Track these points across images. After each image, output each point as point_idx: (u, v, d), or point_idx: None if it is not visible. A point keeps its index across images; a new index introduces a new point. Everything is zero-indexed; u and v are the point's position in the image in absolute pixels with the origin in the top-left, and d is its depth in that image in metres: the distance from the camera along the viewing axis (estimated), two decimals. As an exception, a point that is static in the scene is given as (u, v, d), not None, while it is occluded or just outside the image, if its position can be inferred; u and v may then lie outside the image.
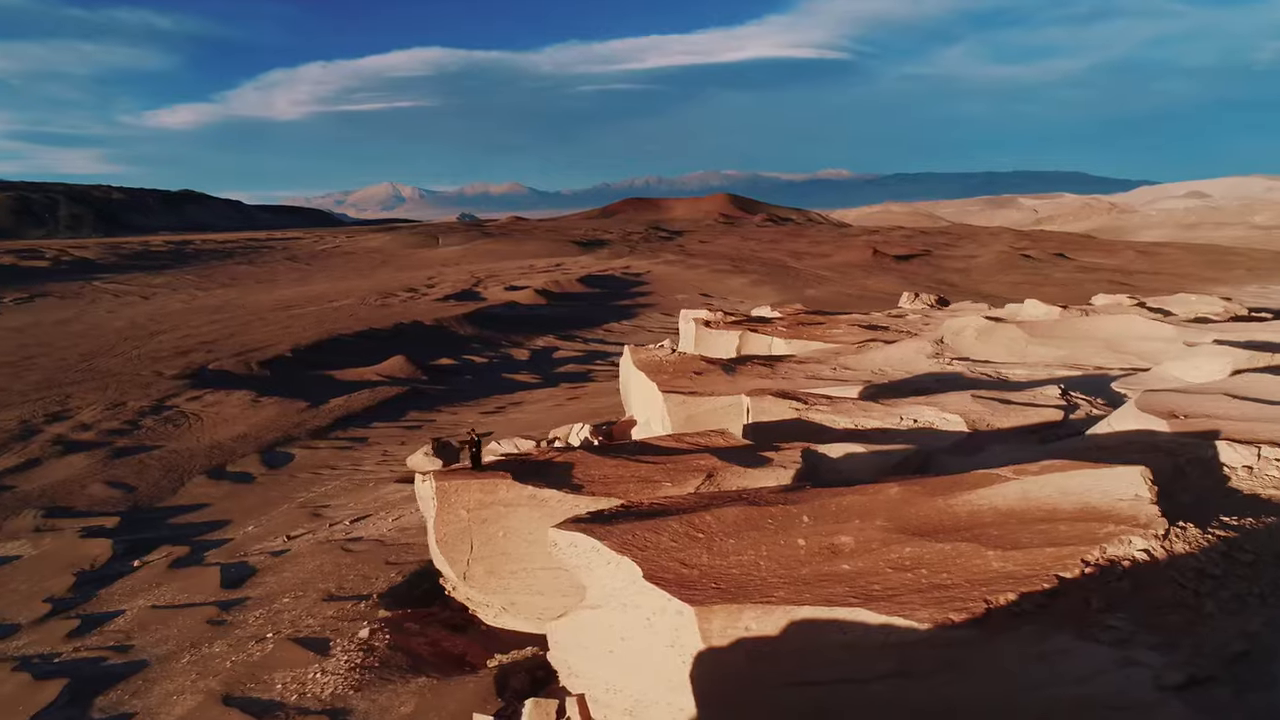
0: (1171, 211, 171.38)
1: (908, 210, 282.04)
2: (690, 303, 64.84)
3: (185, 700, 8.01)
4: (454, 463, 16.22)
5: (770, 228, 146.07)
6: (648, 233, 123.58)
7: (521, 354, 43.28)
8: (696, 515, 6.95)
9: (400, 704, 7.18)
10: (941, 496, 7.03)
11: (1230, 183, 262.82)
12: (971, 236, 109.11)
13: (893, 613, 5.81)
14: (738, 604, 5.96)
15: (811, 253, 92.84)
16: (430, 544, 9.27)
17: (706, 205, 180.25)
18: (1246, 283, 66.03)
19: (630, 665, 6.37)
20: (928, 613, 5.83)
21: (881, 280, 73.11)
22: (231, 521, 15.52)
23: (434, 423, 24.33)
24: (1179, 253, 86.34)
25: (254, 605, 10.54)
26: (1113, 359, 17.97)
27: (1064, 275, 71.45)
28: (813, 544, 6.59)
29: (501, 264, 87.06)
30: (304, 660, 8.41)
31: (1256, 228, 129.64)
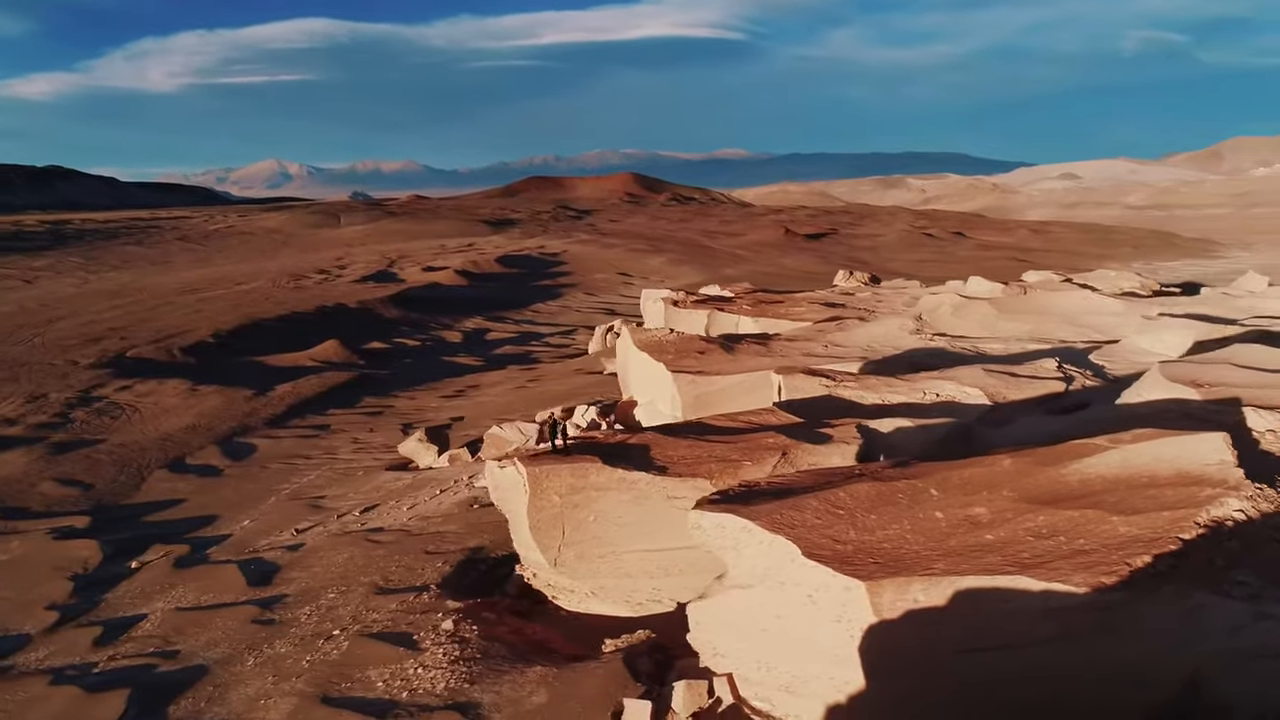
0: (1052, 191, 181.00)
1: (804, 190, 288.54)
2: (609, 283, 64.90)
3: (278, 704, 7.64)
4: (446, 448, 15.91)
5: (676, 207, 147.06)
6: (556, 212, 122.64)
7: (453, 336, 42.44)
8: (831, 493, 7.06)
9: (529, 694, 7.05)
10: (1053, 466, 7.36)
11: (1099, 165, 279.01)
12: (872, 216, 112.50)
13: (1050, 579, 6.07)
14: (904, 577, 6.12)
15: (724, 232, 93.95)
16: (516, 531, 9.10)
17: (611, 184, 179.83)
18: (1132, 259, 70.39)
19: (787, 642, 6.45)
20: (1081, 577, 6.11)
21: (796, 259, 74.67)
22: (219, 516, 14.76)
23: (393, 408, 23.66)
24: (1067, 231, 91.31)
25: (297, 602, 10.11)
26: (1073, 332, 18.97)
27: (966, 253, 74.56)
28: (950, 516, 6.80)
29: (410, 244, 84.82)
30: (393, 656, 8.14)
31: (1130, 208, 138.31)
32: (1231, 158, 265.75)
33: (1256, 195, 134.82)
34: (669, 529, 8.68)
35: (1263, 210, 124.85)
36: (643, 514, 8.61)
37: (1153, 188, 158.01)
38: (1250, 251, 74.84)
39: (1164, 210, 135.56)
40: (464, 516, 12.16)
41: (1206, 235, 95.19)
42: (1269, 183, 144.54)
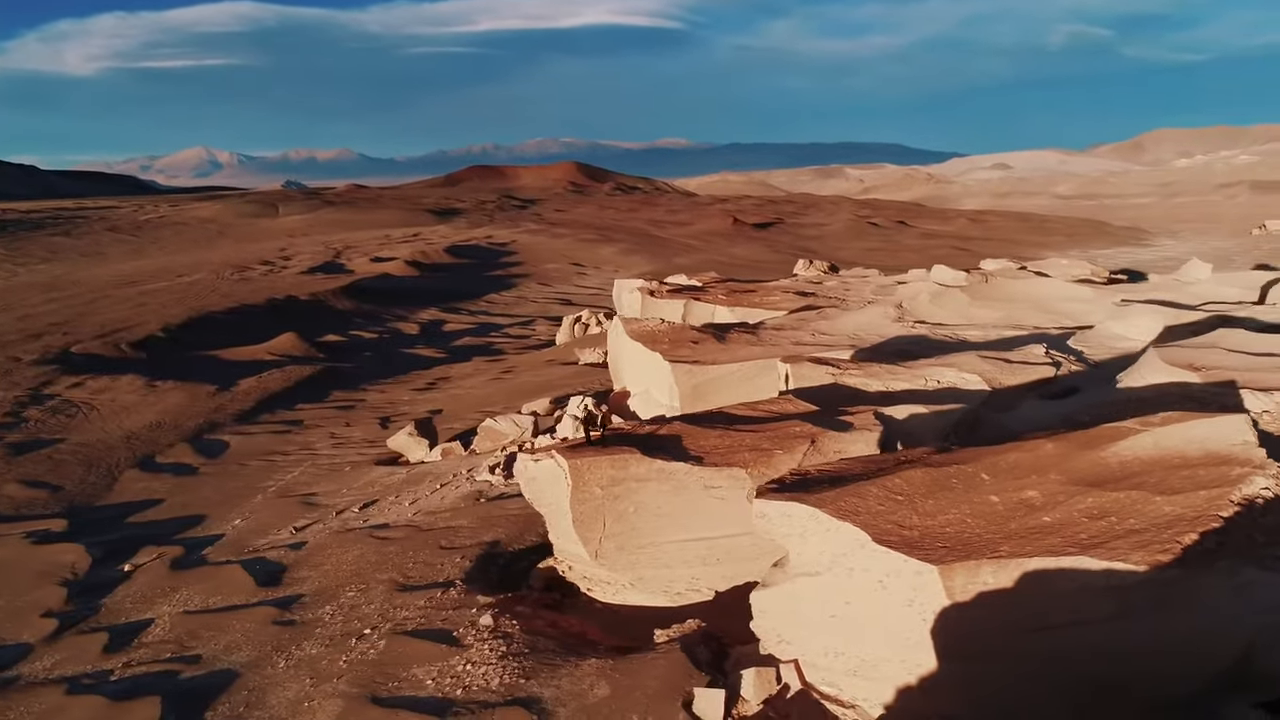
0: (986, 182, 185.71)
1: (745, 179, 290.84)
2: (563, 273, 64.68)
3: (323, 705, 7.47)
4: (436, 442, 15.70)
5: (621, 196, 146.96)
6: (501, 201, 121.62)
7: (410, 328, 41.86)
8: (887, 479, 7.17)
9: (590, 688, 7.02)
10: (1092, 450, 7.59)
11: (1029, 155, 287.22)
12: (816, 205, 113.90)
13: (1110, 558, 6.28)
14: (974, 560, 6.26)
15: (671, 221, 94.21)
16: (555, 524, 9.03)
17: (554, 173, 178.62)
18: (1068, 248, 72.63)
19: (856, 628, 6.55)
20: (1139, 556, 6.33)
21: (746, 248, 75.31)
22: (206, 516, 14.31)
23: (364, 402, 23.22)
24: (1004, 220, 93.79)
25: (315, 602, 9.89)
26: (1045, 319, 19.53)
27: (912, 242, 76.07)
28: (1005, 500, 6.97)
29: (354, 234, 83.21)
30: (436, 653, 8.02)
31: (1059, 197, 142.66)
32: (1153, 149, 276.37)
33: (1179, 185, 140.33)
34: (707, 518, 8.73)
35: (1185, 200, 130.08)
36: (681, 504, 8.63)
37: (1082, 178, 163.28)
38: (1177, 239, 77.93)
39: (1093, 200, 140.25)
40: (472, 511, 12.03)
41: (1135, 224, 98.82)
42: (1190, 173, 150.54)
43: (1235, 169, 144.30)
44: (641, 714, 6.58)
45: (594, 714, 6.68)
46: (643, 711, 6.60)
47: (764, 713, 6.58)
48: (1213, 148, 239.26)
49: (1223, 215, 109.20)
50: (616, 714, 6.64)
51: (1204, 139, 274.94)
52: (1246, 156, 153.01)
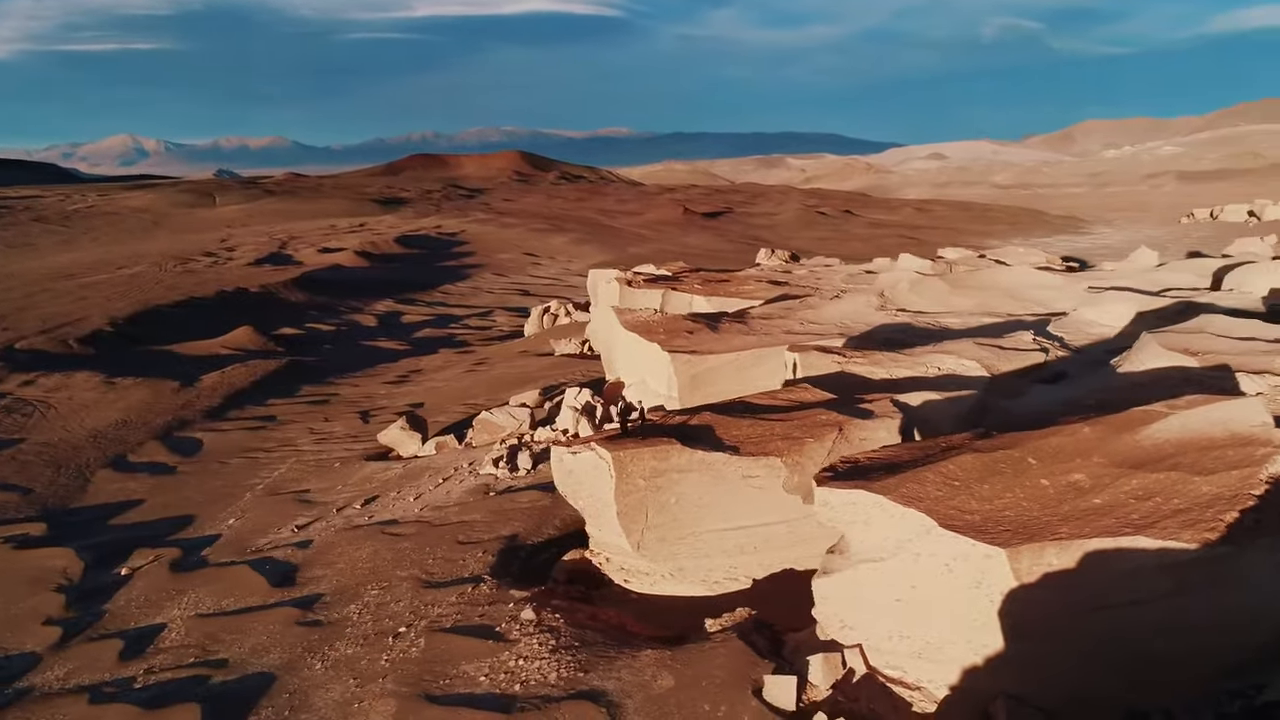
0: (924, 171, 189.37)
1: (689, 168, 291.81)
2: (517, 263, 64.13)
3: (375, 706, 7.34)
4: (426, 435, 15.50)
5: (567, 185, 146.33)
6: (447, 190, 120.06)
7: (368, 320, 41.15)
8: (940, 465, 7.31)
9: (653, 679, 7.02)
10: (1127, 433, 7.84)
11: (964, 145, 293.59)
12: (763, 195, 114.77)
13: (1164, 537, 6.51)
14: (1038, 542, 6.43)
15: (621, 211, 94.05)
16: (596, 516, 8.99)
17: (498, 162, 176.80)
18: (1011, 235, 74.59)
19: (921, 611, 6.68)
20: (1189, 534, 6.58)
21: (698, 237, 75.59)
22: (195, 516, 13.90)
23: (338, 396, 22.76)
24: (947, 209, 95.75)
25: (337, 601, 9.70)
26: (1018, 306, 20.05)
27: (861, 231, 77.21)
28: (1055, 483, 7.17)
29: (298, 224, 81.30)
30: (483, 650, 7.94)
31: (997, 187, 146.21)
32: (1082, 140, 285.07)
33: (1109, 175, 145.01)
34: (745, 507, 8.80)
35: (1115, 189, 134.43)
36: (720, 494, 8.68)
37: (1018, 167, 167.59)
38: (1113, 228, 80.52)
39: (1028, 189, 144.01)
40: (483, 505, 11.91)
41: (1071, 213, 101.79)
42: (1119, 163, 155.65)
43: (1161, 160, 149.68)
44: (713, 703, 6.62)
45: (663, 705, 6.70)
46: (714, 701, 6.64)
47: (833, 697, 6.68)
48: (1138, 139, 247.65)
49: (1151, 204, 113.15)
50: (686, 704, 6.67)
51: (1129, 130, 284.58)
52: (1171, 148, 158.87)
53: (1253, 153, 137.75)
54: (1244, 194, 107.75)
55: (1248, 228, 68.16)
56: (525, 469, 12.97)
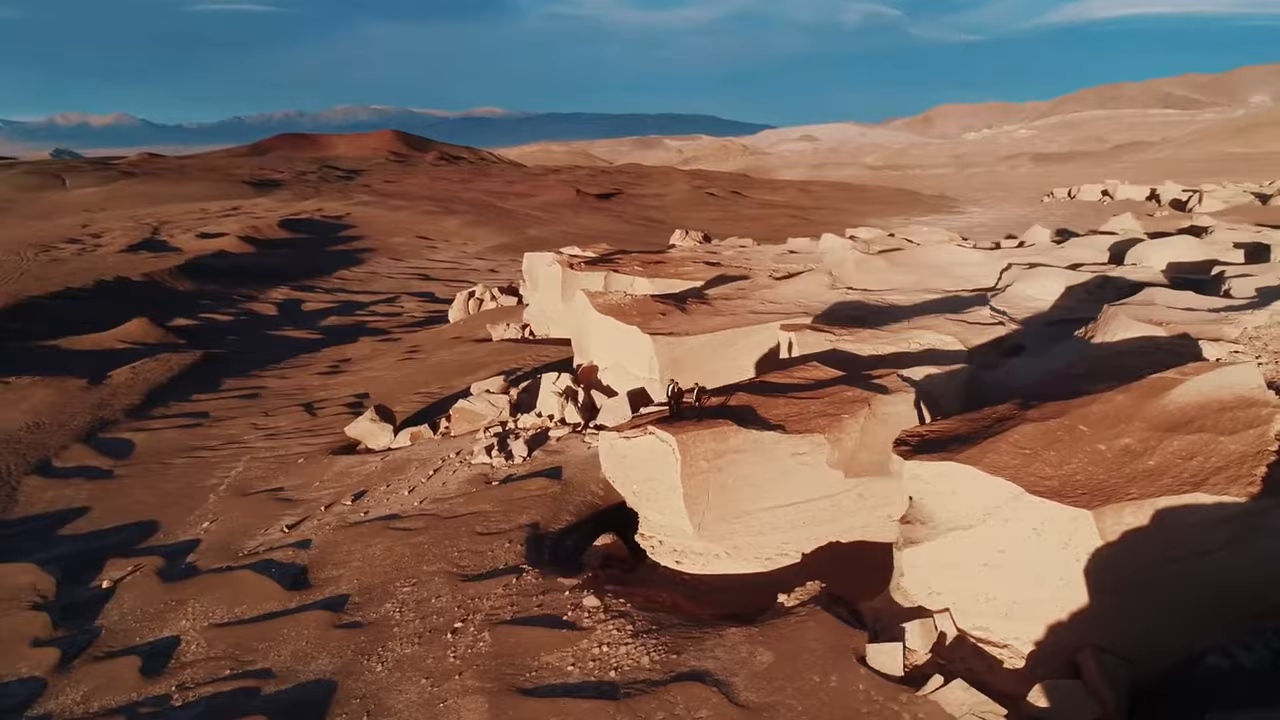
0: (800, 153, 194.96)
1: (566, 149, 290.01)
2: (412, 247, 62.40)
3: (463, 703, 7.15)
4: (396, 426, 15.07)
5: (448, 166, 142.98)
6: (323, 171, 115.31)
7: (266, 309, 39.28)
8: (1006, 436, 7.70)
9: (751, 655, 7.13)
10: (1153, 399, 8.45)
11: (832, 128, 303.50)
12: (648, 176, 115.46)
13: (1218, 493, 7.11)
14: (1116, 503, 6.91)
15: (511, 193, 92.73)
16: (655, 499, 8.97)
17: (372, 142, 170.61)
18: (891, 215, 77.87)
19: (1009, 574, 7.05)
20: (1236, 489, 7.21)
21: (593, 218, 75.50)
22: (159, 522, 13.00)
23: (268, 389, 21.65)
24: (828, 190, 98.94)
25: (368, 601, 9.35)
26: (950, 282, 21.08)
27: (751, 211, 78.85)
28: (1111, 448, 7.68)
29: (164, 208, 76.34)
30: (559, 639, 7.85)
31: (869, 168, 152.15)
32: (940, 122, 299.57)
33: (970, 156, 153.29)
34: (794, 484, 9.02)
35: (977, 170, 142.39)
36: (772, 472, 8.86)
37: (886, 149, 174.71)
38: (982, 207, 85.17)
39: (898, 170, 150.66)
40: (488, 495, 11.69)
41: (940, 192, 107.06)
42: (979, 145, 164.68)
43: (1016, 142, 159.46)
44: (821, 674, 6.80)
45: (771, 679, 6.83)
46: (821, 671, 6.82)
47: (933, 660, 6.98)
48: (992, 122, 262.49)
49: (1010, 184, 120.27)
50: (795, 676, 6.82)
51: (983, 114, 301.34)
52: (1025, 131, 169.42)
53: (1096, 136, 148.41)
54: (1091, 175, 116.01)
55: (1102, 206, 73.46)
56: (521, 456, 12.79)
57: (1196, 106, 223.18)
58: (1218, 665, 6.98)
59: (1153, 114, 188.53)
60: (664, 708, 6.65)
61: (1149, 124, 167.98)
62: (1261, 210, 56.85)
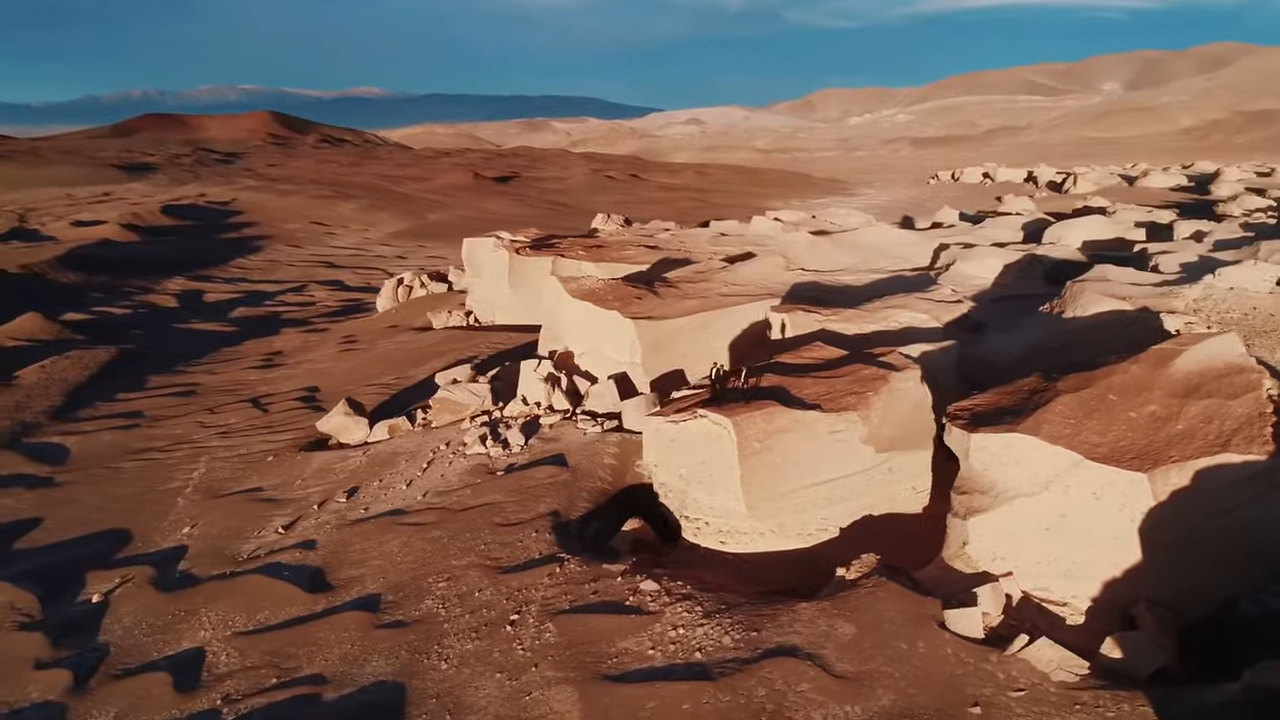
0: (691, 136, 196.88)
1: (451, 131, 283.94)
2: (309, 233, 60.07)
3: (548, 695, 7.06)
4: (368, 419, 14.66)
5: (332, 149, 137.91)
6: (198, 155, 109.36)
7: (165, 301, 37.18)
8: (1051, 407, 8.15)
9: (831, 629, 7.31)
10: (1162, 368, 9.08)
11: (718, 111, 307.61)
12: (543, 159, 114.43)
13: (1242, 453, 7.76)
14: (1163, 466, 7.44)
15: (405, 176, 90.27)
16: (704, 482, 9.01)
17: (248, 124, 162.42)
18: (789, 197, 79.76)
19: (1070, 536, 7.50)
20: (1256, 449, 7.88)
21: (495, 202, 74.42)
22: (128, 530, 12.17)
23: (202, 385, 20.49)
24: (725, 174, 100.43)
25: (404, 600, 9.07)
26: (891, 262, 21.90)
27: (652, 194, 79.28)
28: (1141, 415, 8.23)
29: (25, 194, 70.80)
30: (628, 625, 7.83)
31: (759, 151, 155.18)
32: (822, 107, 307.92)
33: (855, 141, 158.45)
34: (831, 461, 9.27)
35: (862, 153, 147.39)
36: (813, 450, 9.08)
37: (775, 133, 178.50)
38: (874, 189, 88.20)
39: (786, 153, 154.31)
40: (494, 486, 11.50)
41: (831, 175, 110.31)
42: (862, 129, 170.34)
43: (896, 126, 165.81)
44: (908, 641, 7.06)
45: (860, 649, 7.05)
46: (908, 639, 7.08)
47: (1005, 621, 7.36)
48: (870, 107, 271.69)
49: (895, 167, 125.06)
50: (882, 645, 7.06)
51: (861, 99, 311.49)
52: (904, 116, 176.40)
53: (969, 121, 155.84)
54: (967, 158, 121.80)
55: (985, 187, 77.26)
56: (518, 445, 12.62)
57: (1055, 93, 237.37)
58: (1249, 611, 7.63)
59: (1020, 100, 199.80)
60: (763, 683, 6.78)
61: (1016, 110, 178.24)
62: (1130, 191, 61.00)
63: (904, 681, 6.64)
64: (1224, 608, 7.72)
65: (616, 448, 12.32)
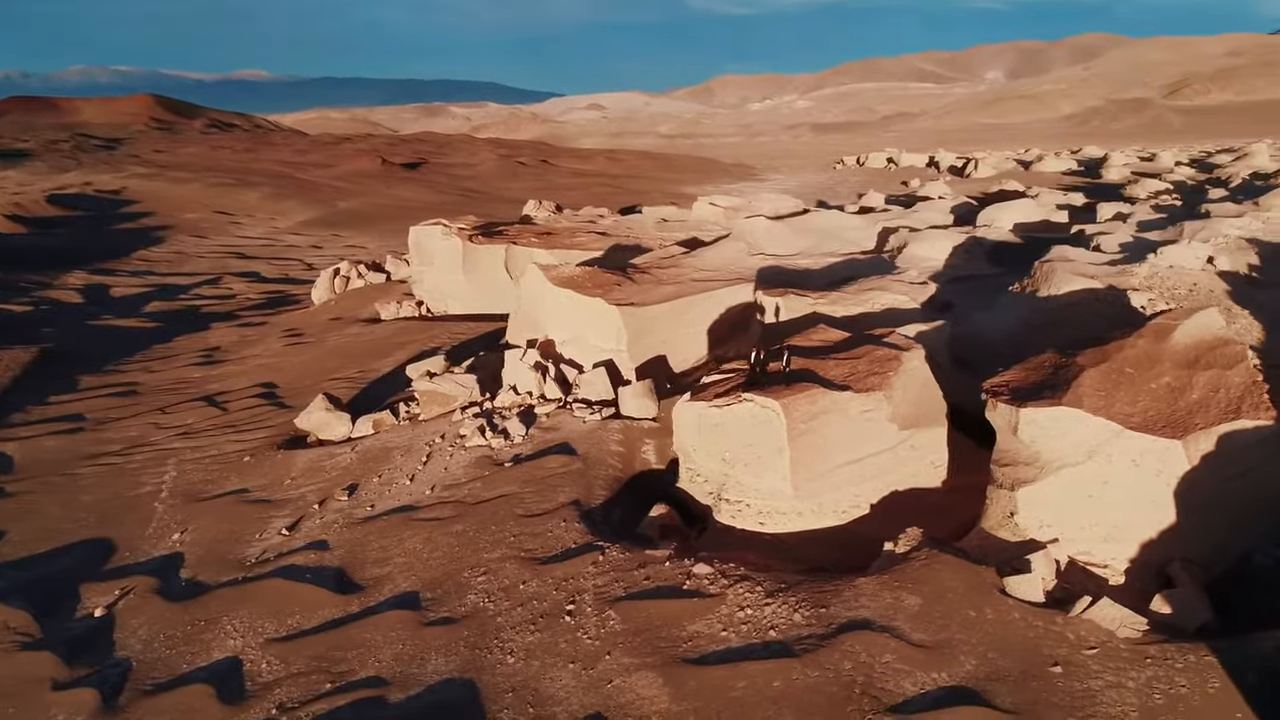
0: (595, 122, 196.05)
1: (346, 116, 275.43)
2: (213, 223, 57.50)
3: (632, 683, 7.04)
4: (345, 413, 14.30)
5: (223, 134, 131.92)
6: (77, 141, 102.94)
7: (68, 296, 34.99)
8: (1081, 381, 8.59)
9: (899, 601, 7.53)
10: (1163, 342, 9.67)
11: (619, 96, 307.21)
12: (450, 145, 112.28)
13: (1254, 419, 8.37)
14: (1193, 433, 7.97)
15: (306, 163, 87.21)
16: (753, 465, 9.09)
17: (127, 108, 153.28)
18: (702, 182, 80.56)
19: (1110, 502, 7.95)
20: (1263, 414, 8.53)
21: (406, 189, 72.70)
22: (111, 539, 11.44)
23: (143, 385, 19.40)
24: (635, 159, 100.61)
25: (445, 597, 8.87)
26: (841, 245, 22.50)
27: (566, 180, 78.85)
28: (1159, 386, 8.76)
29: (-120, 183, 65.60)
30: (693, 609, 7.88)
31: (664, 137, 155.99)
32: (721, 92, 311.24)
33: (757, 126, 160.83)
34: (862, 440, 9.54)
35: (764, 139, 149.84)
36: (847, 430, 9.32)
37: (678, 118, 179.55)
38: (782, 174, 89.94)
39: (691, 139, 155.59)
40: (507, 477, 11.36)
41: (738, 160, 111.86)
42: (764, 115, 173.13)
43: (797, 112, 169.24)
44: (976, 608, 7.36)
45: (930, 619, 7.31)
46: (975, 606, 7.38)
47: (1059, 585, 7.75)
48: (768, 93, 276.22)
49: (798, 153, 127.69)
50: (952, 614, 7.34)
51: (760, 85, 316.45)
52: (804, 102, 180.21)
53: (867, 107, 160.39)
54: (867, 143, 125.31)
55: (890, 172, 79.77)
56: (519, 436, 12.47)
57: (945, 81, 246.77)
58: (1263, 563, 8.27)
59: (912, 87, 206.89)
60: (847, 657, 6.96)
61: (910, 97, 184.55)
62: (1027, 175, 63.98)
63: (982, 646, 6.93)
64: (1240, 561, 8.33)
65: (621, 435, 12.34)
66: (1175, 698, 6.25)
